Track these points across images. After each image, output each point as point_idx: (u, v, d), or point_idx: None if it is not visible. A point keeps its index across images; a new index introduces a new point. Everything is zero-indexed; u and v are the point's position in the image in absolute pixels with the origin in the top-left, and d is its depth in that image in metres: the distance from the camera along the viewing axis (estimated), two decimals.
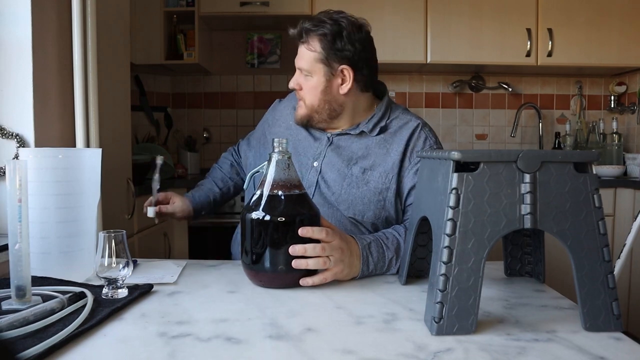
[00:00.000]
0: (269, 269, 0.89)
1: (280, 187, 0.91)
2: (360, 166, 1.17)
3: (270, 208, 0.89)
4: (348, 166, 1.17)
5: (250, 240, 0.90)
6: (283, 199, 0.90)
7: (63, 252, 0.93)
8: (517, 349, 0.64)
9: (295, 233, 0.88)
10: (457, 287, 0.68)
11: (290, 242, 0.88)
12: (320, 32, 1.14)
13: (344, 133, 1.20)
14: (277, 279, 0.90)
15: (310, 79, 1.16)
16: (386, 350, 0.63)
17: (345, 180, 1.16)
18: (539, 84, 3.07)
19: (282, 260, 0.89)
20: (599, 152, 0.88)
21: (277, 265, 0.89)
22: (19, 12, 1.14)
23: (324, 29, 1.14)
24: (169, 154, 2.59)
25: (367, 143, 1.18)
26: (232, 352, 0.63)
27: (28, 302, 0.76)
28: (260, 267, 0.90)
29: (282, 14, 2.67)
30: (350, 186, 1.16)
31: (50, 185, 0.91)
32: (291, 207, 0.90)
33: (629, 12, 2.68)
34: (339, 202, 1.16)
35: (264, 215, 0.88)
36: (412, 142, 1.17)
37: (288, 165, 0.92)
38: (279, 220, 0.88)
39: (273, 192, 0.91)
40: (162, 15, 2.66)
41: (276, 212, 0.89)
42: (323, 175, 1.18)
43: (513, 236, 0.97)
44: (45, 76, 1.21)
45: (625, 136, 2.94)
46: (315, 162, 1.19)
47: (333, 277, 0.92)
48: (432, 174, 0.79)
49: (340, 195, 1.16)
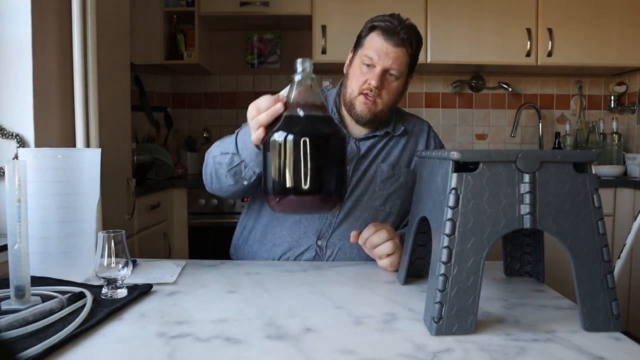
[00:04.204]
0: (294, 190, 0.81)
1: (303, 106, 0.84)
2: (388, 163, 1.25)
3: (292, 127, 0.82)
4: (378, 164, 1.24)
5: (273, 165, 0.82)
6: (306, 118, 0.84)
7: (62, 252, 0.93)
8: (516, 349, 0.64)
9: (320, 152, 0.82)
10: (457, 287, 0.68)
11: (314, 161, 0.80)
12: (416, 39, 1.19)
13: (370, 136, 1.25)
14: (304, 201, 0.82)
15: (396, 80, 1.19)
16: (385, 351, 0.63)
17: (377, 177, 1.23)
18: (539, 84, 3.07)
19: (308, 180, 0.81)
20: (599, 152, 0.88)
21: (302, 186, 0.81)
22: (19, 12, 1.14)
23: (417, 36, 1.20)
24: (168, 154, 2.59)
25: (390, 143, 1.27)
26: (231, 352, 0.63)
27: (27, 302, 0.76)
28: (285, 190, 0.81)
29: (282, 14, 2.67)
30: (384, 182, 1.23)
31: (50, 185, 0.91)
32: (315, 125, 0.83)
33: (629, 12, 2.67)
34: (374, 199, 1.22)
35: (287, 135, 0.81)
36: (430, 140, 1.31)
37: (311, 87, 0.85)
38: (302, 138, 0.81)
39: (295, 112, 0.84)
40: (162, 15, 2.66)
41: (299, 131, 0.82)
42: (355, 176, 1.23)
43: (512, 236, 0.97)
44: (45, 76, 1.21)
45: (625, 136, 2.94)
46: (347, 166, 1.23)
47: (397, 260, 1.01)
48: (431, 173, 0.79)
49: (374, 192, 1.23)
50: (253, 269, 1.05)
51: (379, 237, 1.01)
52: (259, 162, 0.99)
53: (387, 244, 1.01)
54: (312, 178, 0.81)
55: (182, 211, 2.47)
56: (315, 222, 1.19)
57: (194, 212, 2.47)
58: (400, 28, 1.16)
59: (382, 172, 1.24)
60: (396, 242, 1.01)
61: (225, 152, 1.05)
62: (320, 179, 0.81)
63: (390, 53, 1.16)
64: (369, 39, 1.18)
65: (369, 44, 1.18)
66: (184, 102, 3.09)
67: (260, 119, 0.86)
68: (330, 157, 0.82)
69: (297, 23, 2.83)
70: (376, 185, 1.23)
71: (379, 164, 1.24)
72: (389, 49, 1.16)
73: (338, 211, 1.21)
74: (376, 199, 1.22)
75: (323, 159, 0.81)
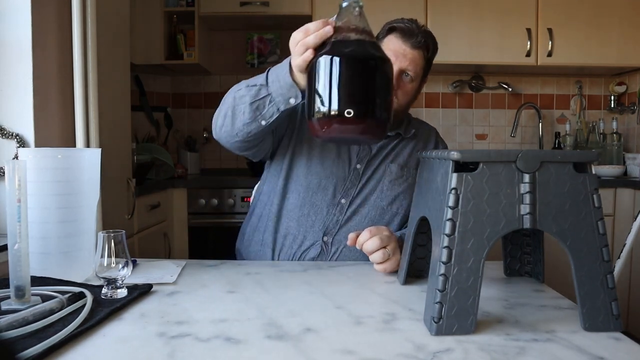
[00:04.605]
0: (342, 113, 0.78)
1: (351, 31, 0.82)
2: (397, 164, 1.27)
3: (343, 49, 0.81)
4: (387, 164, 1.26)
5: (321, 87, 0.80)
6: (357, 42, 0.82)
7: (62, 252, 0.93)
8: (516, 349, 0.64)
9: (370, 75, 0.79)
10: (457, 287, 0.68)
11: (365, 84, 0.79)
12: (432, 44, 1.22)
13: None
14: (351, 125, 0.80)
15: (411, 82, 1.21)
16: (385, 351, 0.63)
17: (386, 177, 1.25)
18: (539, 84, 3.07)
19: (358, 103, 0.79)
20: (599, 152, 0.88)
21: (351, 108, 0.78)
22: (19, 12, 1.14)
23: (434, 42, 1.23)
24: (168, 154, 2.59)
25: (400, 144, 1.29)
26: (231, 352, 0.63)
27: (27, 302, 0.76)
28: (333, 113, 0.79)
29: (282, 14, 2.67)
30: (392, 183, 1.24)
31: (50, 185, 0.91)
32: (366, 48, 0.81)
33: (629, 12, 2.67)
34: (381, 199, 1.23)
35: (338, 56, 0.79)
36: (438, 145, 1.35)
37: (360, 13, 0.84)
38: (354, 59, 0.79)
39: (344, 36, 0.82)
40: (162, 15, 2.66)
41: (350, 52, 0.80)
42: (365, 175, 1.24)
43: (512, 236, 0.97)
44: (45, 76, 1.21)
45: (625, 136, 2.94)
46: (358, 165, 1.25)
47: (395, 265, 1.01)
48: (431, 174, 0.79)
49: (382, 192, 1.24)
50: (253, 269, 1.05)
51: (372, 245, 1.01)
52: (286, 98, 0.98)
53: (377, 253, 1.00)
54: (362, 101, 0.79)
55: (182, 211, 2.47)
56: (323, 217, 1.21)
57: (194, 212, 2.47)
58: (418, 31, 1.18)
59: (390, 172, 1.25)
60: (387, 251, 1.00)
61: (253, 84, 1.03)
62: (370, 102, 0.80)
63: (408, 54, 1.18)
64: (387, 40, 1.20)
65: (386, 45, 1.19)
66: (184, 102, 3.09)
67: (308, 41, 0.84)
68: (380, 82, 0.80)
69: (297, 23, 2.79)
70: (384, 185, 1.24)
71: (388, 164, 1.26)
72: (407, 50, 1.18)
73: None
74: (384, 198, 1.24)
75: (373, 82, 0.80)
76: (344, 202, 1.22)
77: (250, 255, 1.27)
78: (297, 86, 0.96)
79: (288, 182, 1.23)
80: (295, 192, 1.22)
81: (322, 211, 1.21)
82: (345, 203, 1.22)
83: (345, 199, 1.22)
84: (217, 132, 1.13)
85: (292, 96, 0.97)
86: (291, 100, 0.98)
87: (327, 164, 1.23)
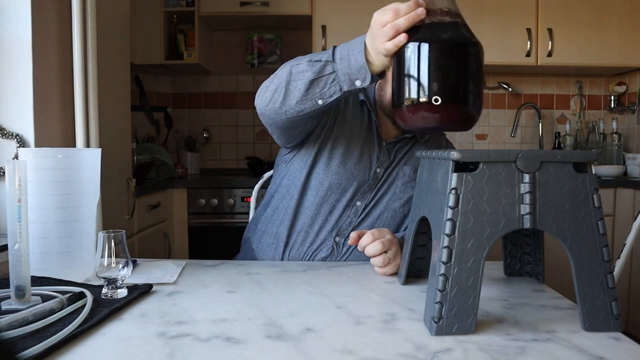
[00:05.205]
0: (441, 100, 0.76)
1: (444, 13, 0.79)
2: (411, 166, 1.25)
3: (440, 33, 0.78)
4: (401, 167, 1.26)
5: (416, 73, 0.77)
6: (452, 25, 0.79)
7: (62, 252, 0.93)
8: (516, 349, 0.64)
9: (468, 61, 0.77)
10: (457, 287, 0.68)
11: (463, 70, 0.76)
12: None
13: (400, 139, 1.26)
14: (447, 112, 0.78)
15: None
16: (385, 350, 0.63)
17: (399, 179, 1.25)
18: (539, 84, 3.07)
19: (456, 90, 0.77)
20: (599, 152, 0.87)
21: (449, 95, 0.77)
22: (19, 12, 1.14)
23: None
24: (168, 154, 2.59)
25: (414, 147, 1.28)
26: (231, 352, 0.63)
27: (27, 302, 0.76)
28: (429, 101, 0.77)
29: (282, 14, 2.67)
30: (405, 185, 1.24)
31: (50, 185, 0.91)
32: (462, 33, 0.79)
33: (629, 12, 2.68)
34: (394, 200, 1.23)
35: (436, 41, 0.76)
36: (449, 146, 1.38)
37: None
38: (453, 45, 0.77)
39: (435, 19, 0.79)
40: (162, 15, 2.66)
41: (448, 38, 0.77)
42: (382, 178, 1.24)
43: (512, 236, 0.97)
44: (45, 76, 1.21)
45: (625, 136, 2.94)
46: (378, 169, 1.24)
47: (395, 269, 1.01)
48: (431, 174, 0.79)
49: (395, 194, 1.23)
50: (253, 269, 1.05)
51: (374, 249, 1.01)
52: (353, 79, 0.93)
53: (378, 257, 1.00)
54: (463, 89, 0.77)
55: (182, 211, 2.47)
56: (337, 217, 1.21)
57: (194, 212, 2.47)
58: None
59: (404, 174, 1.25)
60: (388, 256, 1.00)
61: (317, 59, 0.97)
62: (469, 91, 0.78)
63: None
64: None
65: None
66: (184, 102, 3.09)
67: (399, 24, 0.80)
68: (477, 69, 0.78)
69: (297, 23, 2.83)
70: (397, 187, 1.24)
71: (401, 167, 1.26)
72: None
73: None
74: (396, 200, 1.23)
75: (471, 69, 0.77)
76: (360, 204, 1.22)
77: (262, 246, 1.26)
78: (368, 68, 0.90)
79: (309, 178, 1.22)
80: (314, 189, 1.21)
81: (338, 211, 1.21)
82: (361, 205, 1.22)
83: (361, 201, 1.22)
84: (263, 107, 1.07)
85: (359, 78, 0.92)
86: (357, 82, 0.92)
87: (349, 165, 1.21)
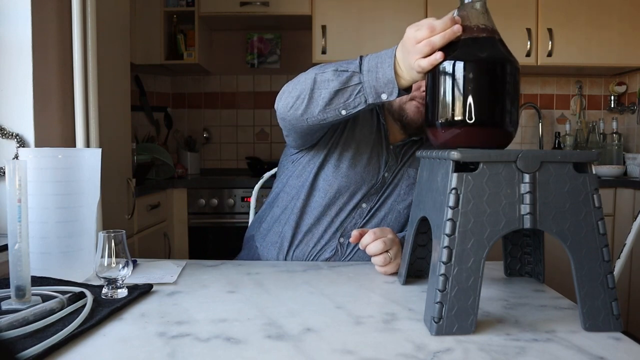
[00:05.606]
0: (477, 121, 0.75)
1: (479, 30, 0.78)
2: (416, 168, 1.25)
3: (478, 52, 0.76)
4: (406, 169, 1.26)
5: (454, 92, 0.76)
6: (490, 42, 0.77)
7: (63, 252, 0.93)
8: (516, 349, 0.64)
9: (507, 80, 0.76)
10: (457, 287, 0.68)
11: (502, 90, 0.75)
12: None
13: (407, 142, 1.26)
14: (484, 133, 0.77)
15: None
16: (385, 350, 0.63)
17: (404, 181, 1.25)
18: (539, 84, 3.07)
19: (494, 111, 0.76)
20: (599, 152, 0.87)
21: (486, 116, 0.75)
22: (19, 12, 1.14)
23: None
24: (168, 154, 2.59)
25: (418, 149, 1.27)
26: (231, 352, 0.63)
27: (28, 302, 0.76)
28: (465, 121, 0.76)
29: (282, 14, 2.67)
30: (409, 187, 1.24)
31: (50, 185, 0.91)
32: (501, 52, 0.77)
33: (629, 12, 2.68)
34: (398, 202, 1.24)
35: (477, 60, 0.75)
36: None
37: (486, 10, 0.80)
38: (494, 65, 0.75)
39: (471, 35, 0.77)
40: (162, 15, 2.66)
41: (487, 57, 0.76)
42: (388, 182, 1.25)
43: (513, 236, 0.97)
44: (45, 76, 1.21)
45: (625, 136, 2.94)
46: (386, 173, 1.24)
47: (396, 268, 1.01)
48: (431, 174, 0.79)
49: (399, 195, 1.24)
50: (253, 269, 1.05)
51: (375, 248, 1.01)
52: (379, 92, 0.91)
53: (379, 257, 1.01)
54: (497, 108, 0.76)
55: (182, 211, 2.47)
56: (343, 219, 1.21)
57: (194, 212, 2.47)
58: None
59: (408, 176, 1.25)
60: (389, 255, 1.01)
61: (343, 69, 0.95)
62: (506, 111, 0.76)
63: None
64: None
65: None
66: (184, 102, 3.09)
67: (435, 41, 0.78)
68: (515, 88, 0.76)
69: (297, 23, 2.83)
70: (402, 189, 1.24)
71: (406, 169, 1.26)
72: None
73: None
74: (400, 202, 1.24)
75: (509, 89, 0.76)
76: (365, 206, 1.23)
77: (266, 244, 1.26)
78: (396, 82, 0.89)
79: (317, 179, 1.23)
80: (322, 190, 1.22)
81: (344, 214, 1.22)
82: (366, 207, 1.23)
83: (367, 203, 1.23)
84: (284, 111, 1.06)
85: (386, 92, 0.90)
86: (383, 95, 0.91)
87: (359, 169, 1.22)
